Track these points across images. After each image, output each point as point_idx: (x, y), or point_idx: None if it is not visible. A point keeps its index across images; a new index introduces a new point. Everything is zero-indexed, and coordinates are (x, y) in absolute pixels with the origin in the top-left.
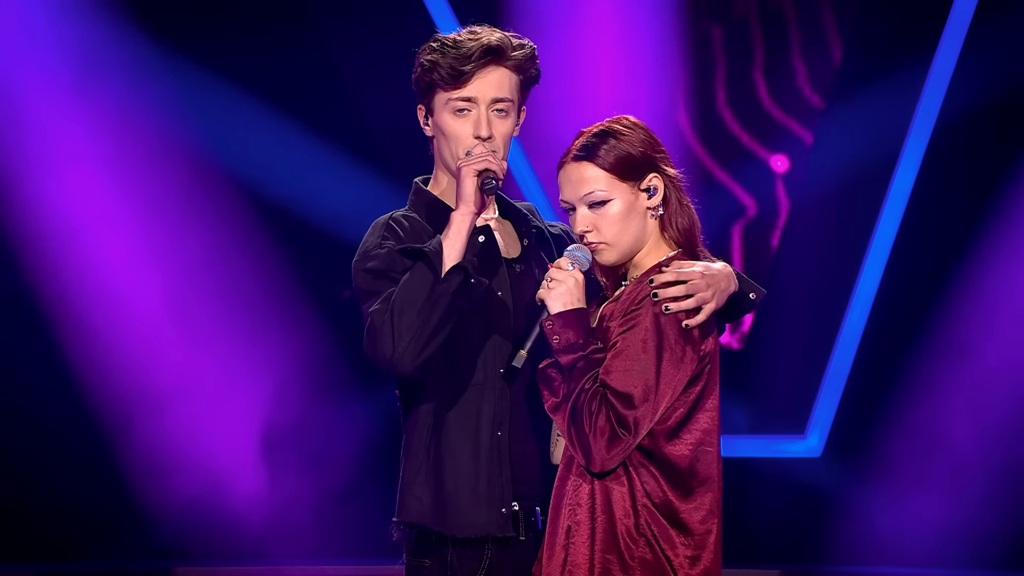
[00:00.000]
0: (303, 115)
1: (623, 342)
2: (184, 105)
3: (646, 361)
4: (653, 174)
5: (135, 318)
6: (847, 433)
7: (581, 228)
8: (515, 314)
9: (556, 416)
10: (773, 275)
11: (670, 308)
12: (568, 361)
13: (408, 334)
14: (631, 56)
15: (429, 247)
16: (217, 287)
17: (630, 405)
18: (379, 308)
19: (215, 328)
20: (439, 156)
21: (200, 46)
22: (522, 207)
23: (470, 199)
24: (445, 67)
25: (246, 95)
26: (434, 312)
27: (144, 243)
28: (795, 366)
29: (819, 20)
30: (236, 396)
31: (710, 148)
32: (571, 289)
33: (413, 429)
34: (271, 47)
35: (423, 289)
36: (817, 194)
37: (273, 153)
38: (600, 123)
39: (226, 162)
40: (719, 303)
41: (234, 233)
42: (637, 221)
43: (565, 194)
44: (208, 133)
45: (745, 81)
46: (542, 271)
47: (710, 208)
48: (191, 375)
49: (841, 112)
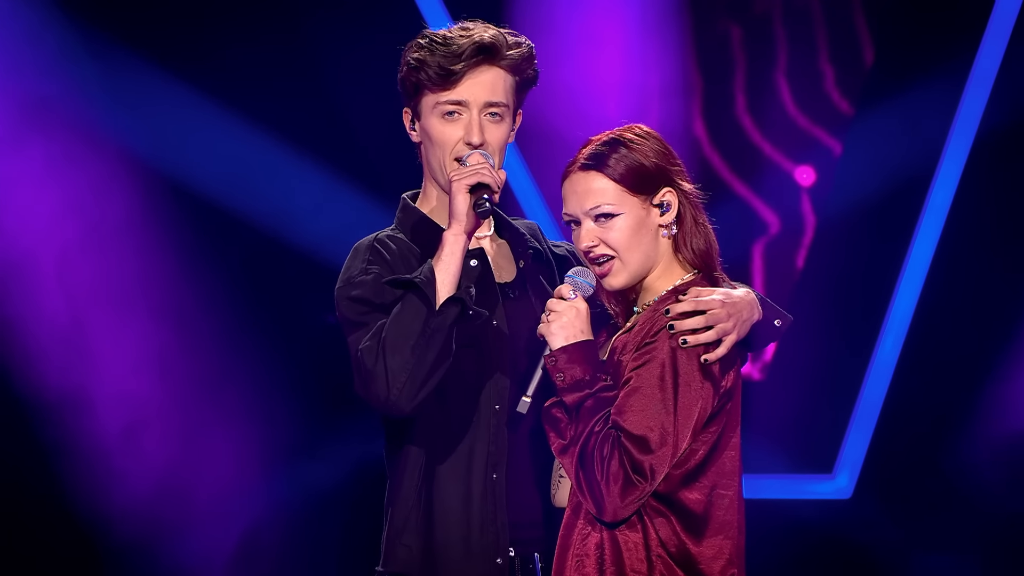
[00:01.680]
0: (275, 119)
1: (637, 378)
2: (136, 108)
3: (663, 400)
4: (667, 188)
5: (86, 356)
6: (880, 472)
7: (586, 243)
8: (511, 344)
9: (563, 460)
10: (798, 299)
11: (688, 341)
12: (574, 400)
13: (403, 374)
14: (641, 57)
15: (419, 277)
16: (178, 313)
17: (646, 449)
18: (369, 345)
19: (176, 367)
20: (427, 165)
21: (154, 43)
22: (521, 225)
23: (463, 217)
24: (433, 66)
25: (207, 97)
26: (430, 348)
27: (100, 268)
28: (823, 398)
29: (849, 18)
30: (202, 436)
31: (728, 159)
32: (573, 320)
33: (402, 472)
34: (232, 44)
35: (416, 323)
36: (847, 210)
37: (241, 163)
38: (610, 131)
39: (187, 174)
40: (741, 334)
41: (197, 252)
42: (648, 239)
43: (569, 206)
44: (166, 142)
45: (767, 85)
46: (539, 295)
47: (728, 225)
48: (144, 414)
49: (873, 119)
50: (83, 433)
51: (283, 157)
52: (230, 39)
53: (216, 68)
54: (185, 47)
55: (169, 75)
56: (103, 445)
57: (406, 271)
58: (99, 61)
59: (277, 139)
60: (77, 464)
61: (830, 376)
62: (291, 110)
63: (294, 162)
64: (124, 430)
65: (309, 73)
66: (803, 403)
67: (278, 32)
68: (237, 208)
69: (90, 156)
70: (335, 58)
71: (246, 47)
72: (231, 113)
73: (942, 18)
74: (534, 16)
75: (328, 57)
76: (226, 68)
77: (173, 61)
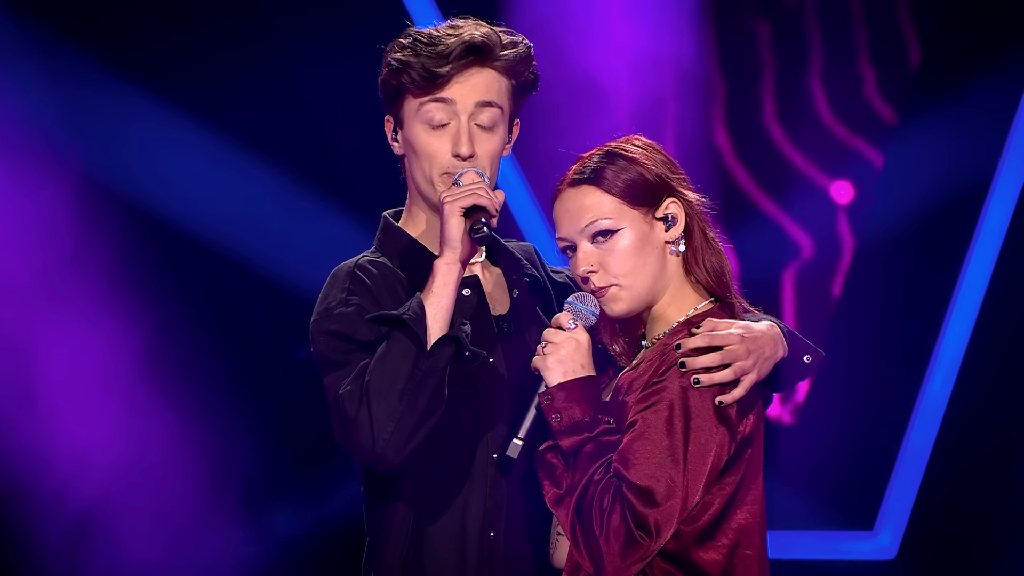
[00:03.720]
0: (243, 129)
1: (643, 422)
2: (89, 120)
3: (671, 446)
4: (670, 199)
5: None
6: (928, 529)
7: (584, 268)
8: (508, 386)
9: (558, 511)
10: (834, 332)
11: (702, 380)
12: (572, 444)
13: (390, 424)
14: (654, 57)
15: (408, 313)
16: (134, 346)
17: (651, 502)
18: (350, 390)
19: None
20: (411, 180)
21: (114, 52)
22: (516, 249)
23: (456, 244)
24: (417, 68)
25: (165, 106)
26: (420, 394)
27: (45, 296)
28: (862, 445)
29: (892, 13)
30: (155, 479)
31: (754, 173)
32: (572, 353)
33: (386, 531)
34: (195, 45)
35: (404, 365)
36: (890, 230)
37: (205, 180)
38: (604, 145)
39: (145, 192)
40: (762, 373)
41: (156, 279)
42: (653, 257)
43: (562, 229)
44: (121, 158)
45: (799, 90)
46: (535, 329)
47: (755, 248)
48: (93, 455)
49: (920, 128)
50: (26, 472)
51: (251, 171)
52: (192, 39)
53: (177, 74)
54: (146, 54)
55: (127, 84)
56: (50, 489)
57: (392, 302)
58: (53, 72)
59: (244, 151)
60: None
61: (871, 419)
62: (260, 118)
63: (263, 177)
64: (71, 471)
65: (280, 77)
66: (840, 450)
67: (246, 31)
68: (200, 229)
69: (40, 176)
70: (309, 60)
71: (210, 47)
72: (193, 124)
73: (998, 12)
74: (533, 11)
75: (302, 59)
76: (188, 73)
77: (132, 69)
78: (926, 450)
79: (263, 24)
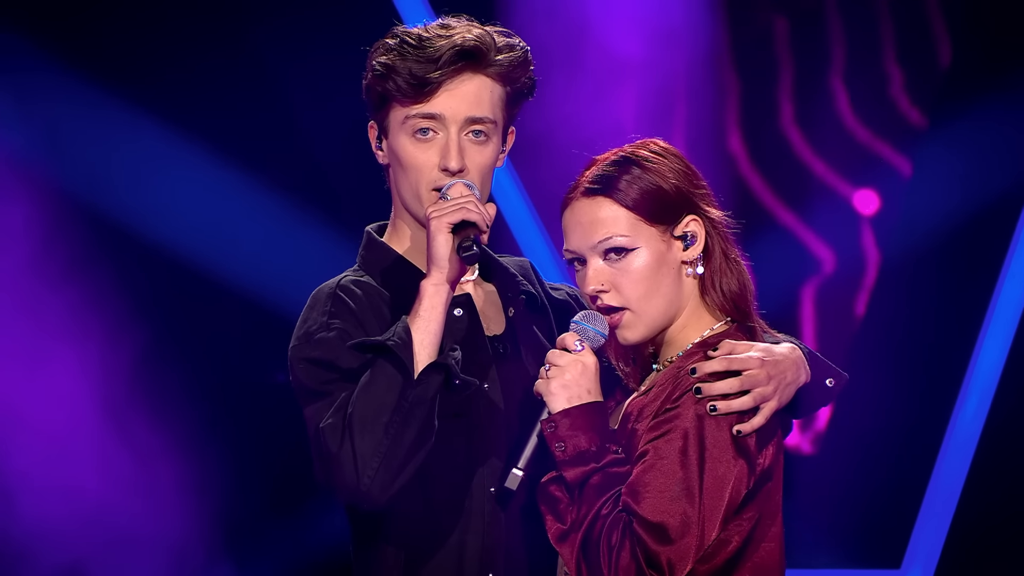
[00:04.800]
0: (215, 135)
1: (655, 452)
2: (47, 123)
3: (685, 479)
4: (691, 216)
5: None
6: (960, 567)
7: (593, 287)
8: (505, 414)
9: (562, 549)
10: (858, 354)
11: (719, 408)
12: (577, 476)
13: (375, 459)
14: (664, 56)
15: (393, 339)
16: (100, 369)
17: (664, 539)
18: (332, 423)
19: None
20: (397, 192)
21: (74, 53)
22: (511, 264)
23: (444, 263)
24: (404, 73)
25: (131, 111)
26: (407, 427)
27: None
28: (889, 476)
29: (921, 8)
30: (127, 513)
31: (771, 181)
32: (578, 377)
33: (375, 574)
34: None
35: (390, 396)
36: (918, 243)
37: (174, 190)
38: (620, 149)
39: (110, 203)
40: (784, 400)
41: (123, 297)
42: (669, 279)
43: (572, 241)
44: (82, 166)
45: (820, 91)
46: (532, 352)
47: (772, 263)
48: (61, 486)
49: (950, 132)
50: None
51: (226, 181)
52: (162, 41)
53: (149, 82)
54: (118, 61)
55: (99, 94)
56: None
57: (378, 325)
58: (20, 83)
59: (217, 159)
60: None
61: (898, 448)
62: (237, 125)
63: (240, 187)
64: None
65: (257, 79)
66: (864, 481)
67: (221, 31)
68: (171, 244)
69: (5, 189)
70: (288, 60)
71: (183, 51)
72: (164, 132)
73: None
74: (532, 7)
75: (280, 59)
76: (159, 79)
77: (105, 78)
78: (958, 482)
79: (239, 23)
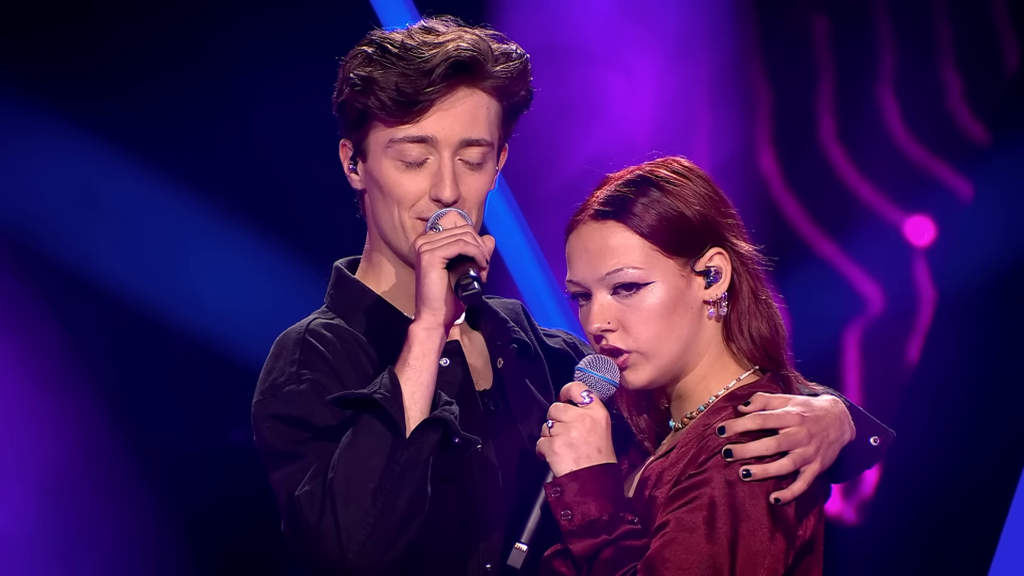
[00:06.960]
0: (169, 161)
1: (677, 523)
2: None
3: (712, 555)
4: (715, 249)
5: None
6: None
7: (598, 324)
8: (504, 477)
9: None
10: (909, 407)
11: (753, 473)
12: (586, 549)
13: (362, 531)
14: (686, 62)
15: (379, 391)
16: (38, 423)
17: None
18: (310, 491)
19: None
20: (374, 222)
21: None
22: (500, 307)
23: (438, 303)
24: (389, 88)
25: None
26: (399, 493)
27: None
28: (945, 548)
29: (983, 6)
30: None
31: (810, 207)
32: (585, 435)
33: None
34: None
35: (377, 458)
36: (978, 278)
37: (119, 221)
38: (636, 167)
39: (50, 235)
40: (827, 461)
41: (66, 343)
42: (687, 320)
43: (576, 271)
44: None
45: (866, 102)
46: (524, 408)
47: (809, 302)
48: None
49: (1017, 149)
50: None
51: (179, 212)
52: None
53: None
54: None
55: (25, 114)
56: None
57: (356, 376)
58: None
59: (169, 186)
60: None
61: (956, 515)
62: (189, 142)
63: (193, 218)
64: None
65: (215, 91)
66: (917, 554)
67: (177, 35)
68: (117, 282)
69: None
70: (249, 70)
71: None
72: (107, 154)
73: None
74: (532, 6)
75: (241, 68)
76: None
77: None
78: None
79: (195, 24)
